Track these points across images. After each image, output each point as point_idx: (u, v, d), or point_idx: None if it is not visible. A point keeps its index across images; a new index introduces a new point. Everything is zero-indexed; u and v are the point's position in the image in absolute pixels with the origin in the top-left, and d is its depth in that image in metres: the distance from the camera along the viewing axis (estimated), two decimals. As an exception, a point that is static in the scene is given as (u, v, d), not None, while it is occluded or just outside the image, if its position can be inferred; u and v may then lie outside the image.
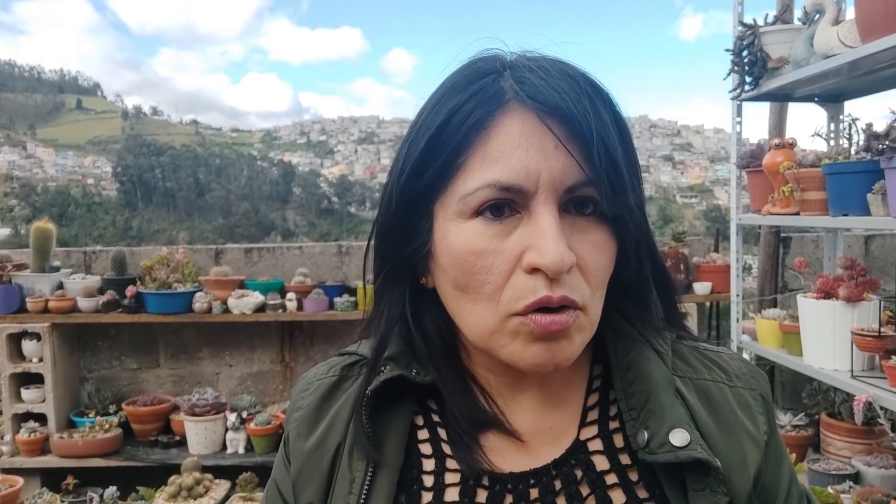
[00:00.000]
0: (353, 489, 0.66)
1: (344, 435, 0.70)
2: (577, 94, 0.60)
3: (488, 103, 0.62)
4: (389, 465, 0.66)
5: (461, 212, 0.62)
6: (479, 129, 0.61)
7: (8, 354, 3.71)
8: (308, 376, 0.78)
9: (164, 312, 3.77)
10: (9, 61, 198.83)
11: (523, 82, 0.62)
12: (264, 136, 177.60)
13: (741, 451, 0.66)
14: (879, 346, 2.20)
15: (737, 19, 2.80)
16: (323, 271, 4.17)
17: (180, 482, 3.32)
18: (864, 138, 2.14)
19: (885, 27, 1.97)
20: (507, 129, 0.61)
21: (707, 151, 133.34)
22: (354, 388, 0.72)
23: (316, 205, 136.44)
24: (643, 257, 0.68)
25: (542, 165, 0.59)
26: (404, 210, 0.66)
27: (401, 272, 0.71)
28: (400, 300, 0.72)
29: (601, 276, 0.63)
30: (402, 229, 0.67)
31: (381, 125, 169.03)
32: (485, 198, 0.60)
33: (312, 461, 0.71)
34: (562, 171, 0.60)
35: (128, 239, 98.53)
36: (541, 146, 0.60)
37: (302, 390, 0.77)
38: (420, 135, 0.64)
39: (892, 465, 2.67)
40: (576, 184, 0.60)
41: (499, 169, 0.60)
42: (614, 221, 0.63)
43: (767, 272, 3.66)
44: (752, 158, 2.78)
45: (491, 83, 0.63)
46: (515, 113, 0.61)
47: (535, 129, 0.60)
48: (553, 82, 0.61)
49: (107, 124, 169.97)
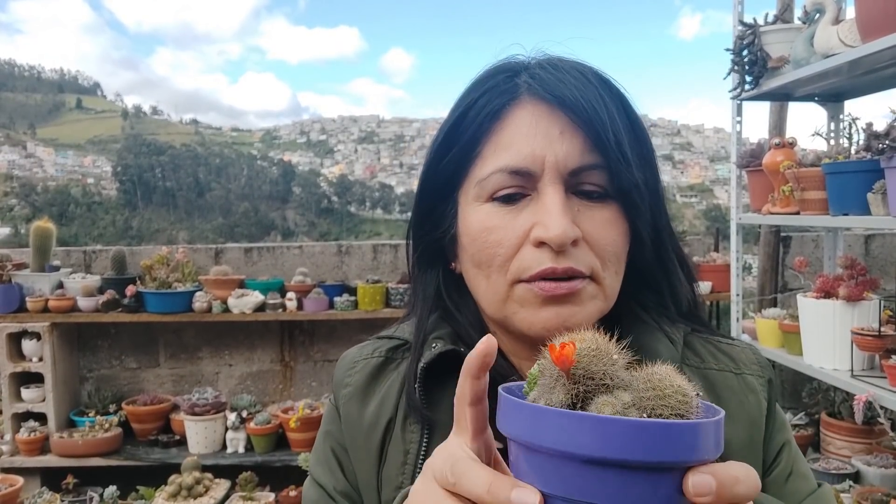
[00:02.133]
0: (409, 459, 0.70)
1: (394, 412, 0.74)
2: (585, 86, 0.66)
3: (502, 96, 0.68)
4: (445, 423, 0.67)
5: (478, 195, 0.68)
6: (493, 120, 0.68)
7: (8, 354, 3.71)
8: (352, 355, 0.82)
9: (163, 312, 3.76)
10: (9, 61, 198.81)
11: (535, 78, 0.68)
12: (264, 136, 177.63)
13: (748, 435, 0.70)
14: (879, 346, 2.20)
15: (737, 19, 2.80)
16: (323, 271, 4.17)
17: (180, 482, 3.32)
18: (864, 138, 2.14)
19: (885, 26, 1.97)
20: (519, 120, 0.67)
21: (707, 151, 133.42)
22: (401, 370, 0.76)
23: (316, 204, 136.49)
24: (660, 242, 0.73)
25: (547, 150, 0.66)
26: (431, 197, 0.74)
27: (432, 257, 0.77)
28: (433, 283, 0.78)
29: (613, 251, 0.67)
30: (430, 215, 0.75)
31: (381, 125, 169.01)
32: (498, 182, 0.67)
33: (363, 437, 0.74)
34: (566, 154, 0.66)
35: (128, 238, 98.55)
36: (547, 133, 0.66)
37: (348, 368, 0.80)
38: (443, 128, 0.72)
39: (892, 465, 2.68)
40: (579, 166, 0.66)
41: (509, 155, 0.67)
42: (623, 201, 0.68)
43: (767, 272, 3.66)
44: (753, 158, 2.78)
45: (504, 80, 0.70)
46: (527, 105, 0.68)
47: (544, 118, 0.67)
48: (562, 76, 0.67)
49: (107, 124, 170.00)
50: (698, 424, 0.42)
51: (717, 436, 0.44)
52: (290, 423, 3.68)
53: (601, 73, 0.69)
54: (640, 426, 0.41)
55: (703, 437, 0.42)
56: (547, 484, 0.44)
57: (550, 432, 0.42)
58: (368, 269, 4.15)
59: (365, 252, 4.21)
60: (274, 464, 3.69)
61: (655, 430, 0.41)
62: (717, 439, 0.44)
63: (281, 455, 3.73)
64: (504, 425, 0.47)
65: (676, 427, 0.42)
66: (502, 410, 0.47)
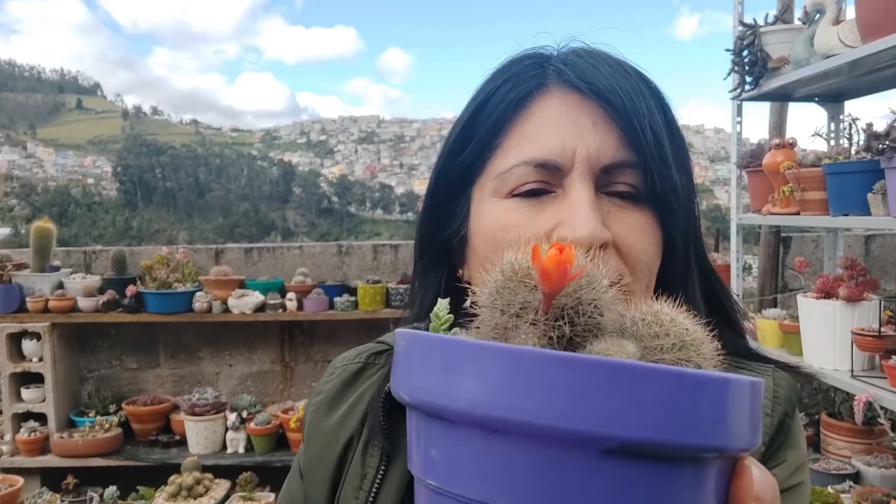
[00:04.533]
0: (364, 485, 0.65)
1: (360, 427, 0.69)
2: (621, 77, 0.60)
3: (527, 83, 0.62)
4: (403, 459, 0.65)
5: (497, 190, 0.61)
6: (517, 109, 0.61)
7: (8, 354, 3.71)
8: (336, 361, 0.77)
9: (164, 312, 3.76)
10: (9, 61, 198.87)
11: (567, 64, 0.62)
12: (264, 136, 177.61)
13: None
14: (879, 346, 2.20)
15: (737, 19, 2.80)
16: (323, 271, 4.17)
17: (180, 482, 3.32)
18: (864, 138, 2.14)
19: (885, 27, 1.97)
20: (546, 109, 0.61)
21: (707, 151, 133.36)
22: (376, 378, 0.71)
23: (316, 204, 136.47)
24: (691, 255, 0.64)
25: (577, 142, 0.58)
26: (442, 194, 0.67)
27: (438, 260, 0.70)
28: (434, 288, 0.70)
29: (645, 260, 0.60)
30: (440, 213, 0.67)
31: (381, 125, 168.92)
32: (520, 176, 0.60)
33: (325, 444, 0.70)
34: (598, 148, 0.58)
35: (128, 238, 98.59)
36: (578, 123, 0.59)
37: (328, 374, 0.76)
38: (460, 118, 0.65)
39: (892, 465, 2.67)
40: (613, 163, 0.59)
41: (535, 146, 0.59)
42: (657, 206, 0.61)
43: (768, 272, 3.66)
44: (753, 158, 2.78)
45: (530, 67, 0.63)
46: (555, 93, 0.61)
47: (574, 108, 0.60)
48: (596, 64, 0.61)
49: (107, 124, 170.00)
50: (758, 384, 0.28)
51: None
52: (291, 423, 3.68)
53: (640, 69, 0.63)
54: (701, 381, 0.25)
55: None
56: (486, 482, 0.26)
57: (525, 395, 0.25)
58: (368, 270, 4.15)
59: (365, 252, 4.21)
60: (274, 464, 3.69)
61: (719, 390, 0.26)
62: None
63: (281, 455, 3.73)
64: (413, 389, 0.30)
65: (755, 386, 0.27)
66: (408, 364, 0.30)
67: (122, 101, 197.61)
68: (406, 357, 0.31)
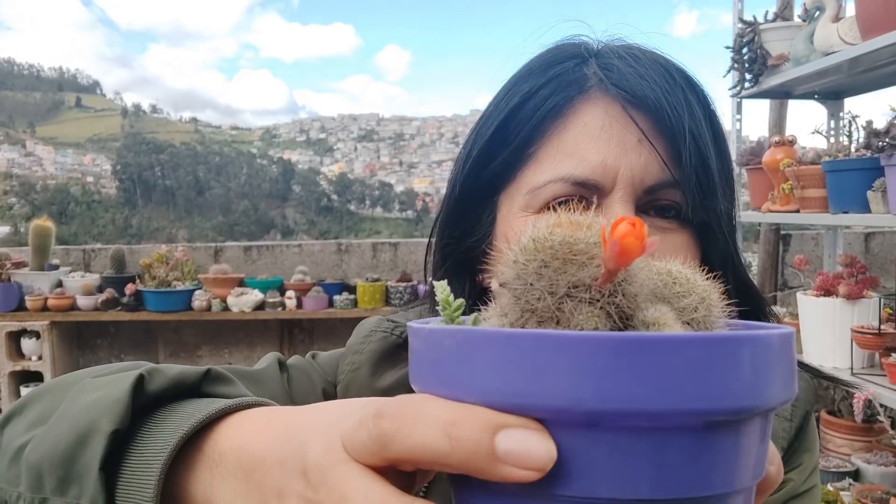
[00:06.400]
0: None
1: None
2: (670, 86, 0.55)
3: (568, 89, 0.57)
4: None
5: (528, 205, 0.57)
6: (555, 117, 0.57)
7: (7, 352, 3.71)
8: (367, 324, 0.71)
9: (163, 310, 3.76)
10: (8, 59, 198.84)
11: (610, 69, 0.57)
12: (263, 134, 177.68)
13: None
14: (879, 344, 2.20)
15: (737, 16, 2.80)
16: (322, 269, 4.17)
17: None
18: (864, 135, 2.14)
19: (885, 24, 1.97)
20: (586, 119, 0.56)
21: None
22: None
23: (315, 202, 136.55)
24: (730, 277, 0.59)
25: (621, 160, 0.54)
26: (467, 200, 0.62)
27: (460, 269, 0.64)
28: (458, 296, 0.67)
29: None
30: (463, 220, 0.63)
31: (380, 123, 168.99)
32: (555, 193, 0.55)
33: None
34: (643, 167, 0.54)
35: (127, 237, 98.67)
36: (622, 139, 0.55)
37: (364, 336, 0.69)
38: (490, 120, 0.60)
39: (892, 463, 2.68)
40: (658, 183, 0.55)
41: (573, 162, 0.55)
42: (699, 229, 0.57)
43: (767, 270, 3.66)
44: (752, 156, 2.78)
45: (573, 68, 0.58)
46: (598, 102, 0.56)
47: (618, 120, 0.55)
48: (643, 70, 0.56)
49: (106, 122, 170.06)
50: (791, 333, 0.30)
51: None
52: (290, 421, 3.68)
53: (686, 69, 0.58)
54: (766, 342, 0.27)
55: None
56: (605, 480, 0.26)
57: (634, 382, 0.25)
58: (368, 268, 4.15)
59: (364, 250, 4.21)
60: (274, 462, 3.69)
61: (785, 343, 0.28)
62: None
63: (281, 453, 3.73)
64: (487, 392, 0.27)
65: (792, 336, 0.29)
66: (469, 366, 0.27)
67: (121, 99, 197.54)
68: (463, 356, 0.28)
